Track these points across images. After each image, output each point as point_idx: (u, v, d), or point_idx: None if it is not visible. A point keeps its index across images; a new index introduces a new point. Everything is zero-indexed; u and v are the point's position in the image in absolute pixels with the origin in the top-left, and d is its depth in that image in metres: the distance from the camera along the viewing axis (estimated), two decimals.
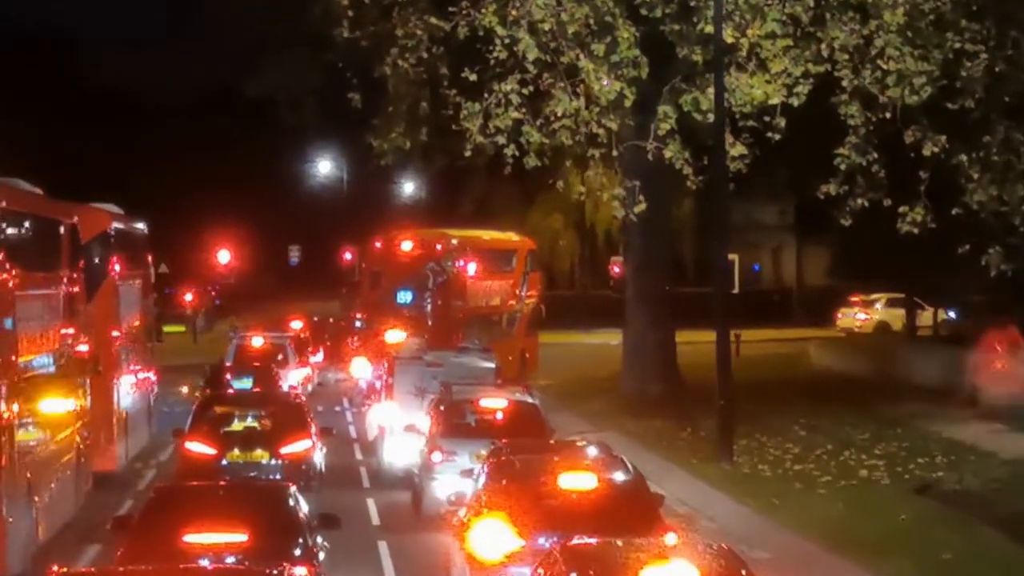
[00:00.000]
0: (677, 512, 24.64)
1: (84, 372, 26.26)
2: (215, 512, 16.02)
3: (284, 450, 25.55)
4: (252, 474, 24.32)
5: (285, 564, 13.12)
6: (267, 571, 12.20)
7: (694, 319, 46.85)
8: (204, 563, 14.57)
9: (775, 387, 43.37)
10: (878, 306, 74.28)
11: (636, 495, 16.72)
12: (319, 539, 16.70)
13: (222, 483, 20.12)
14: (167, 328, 72.81)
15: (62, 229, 25.36)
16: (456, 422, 25.63)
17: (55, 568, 12.04)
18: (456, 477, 24.17)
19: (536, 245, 59.35)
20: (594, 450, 20.72)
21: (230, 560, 14.90)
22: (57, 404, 23.47)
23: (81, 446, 25.74)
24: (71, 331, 25.30)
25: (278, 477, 24.10)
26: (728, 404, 30.58)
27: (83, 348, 26.42)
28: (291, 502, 16.62)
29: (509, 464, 17.59)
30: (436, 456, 25.02)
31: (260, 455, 25.44)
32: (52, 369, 23.44)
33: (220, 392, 31.13)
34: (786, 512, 25.61)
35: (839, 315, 75.32)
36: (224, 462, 25.15)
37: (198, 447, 25.78)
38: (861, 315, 73.95)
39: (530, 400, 26.05)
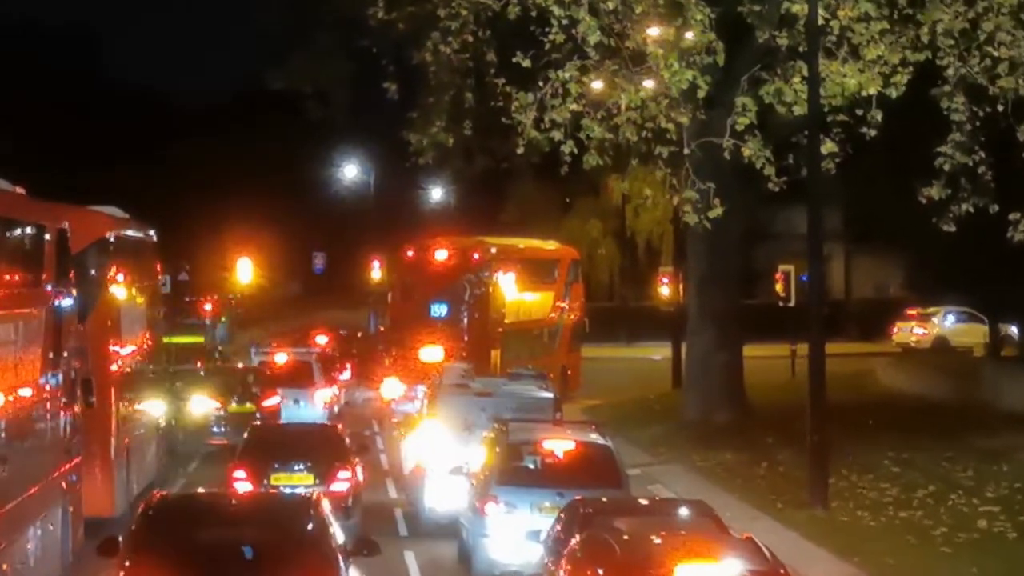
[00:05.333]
0: None
1: (73, 404, 22.22)
2: (295, 441, 26.24)
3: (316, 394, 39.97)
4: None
5: (317, 492, 18.63)
6: (302, 495, 17.74)
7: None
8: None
9: (849, 412, 39.00)
10: (935, 320, 69.79)
11: None
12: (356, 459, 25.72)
13: (298, 425, 32.18)
14: (185, 339, 69.51)
15: (48, 235, 21.29)
16: (514, 467, 21.51)
17: (156, 492, 16.16)
18: (517, 536, 20.35)
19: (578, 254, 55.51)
20: (687, 511, 16.70)
21: (299, 467, 24.72)
22: (34, 447, 19.43)
23: (69, 492, 21.69)
24: (57, 355, 21.23)
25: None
26: (822, 440, 26.38)
27: (73, 375, 22.39)
28: (340, 435, 26.65)
29: (604, 545, 13.43)
30: (490, 508, 20.93)
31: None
32: (28, 404, 19.35)
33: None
34: None
35: (895, 329, 70.95)
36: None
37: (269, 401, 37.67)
38: (918, 329, 69.50)
39: (602, 442, 21.89)
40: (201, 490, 18.29)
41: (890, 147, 35.25)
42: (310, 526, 15.22)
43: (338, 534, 15.77)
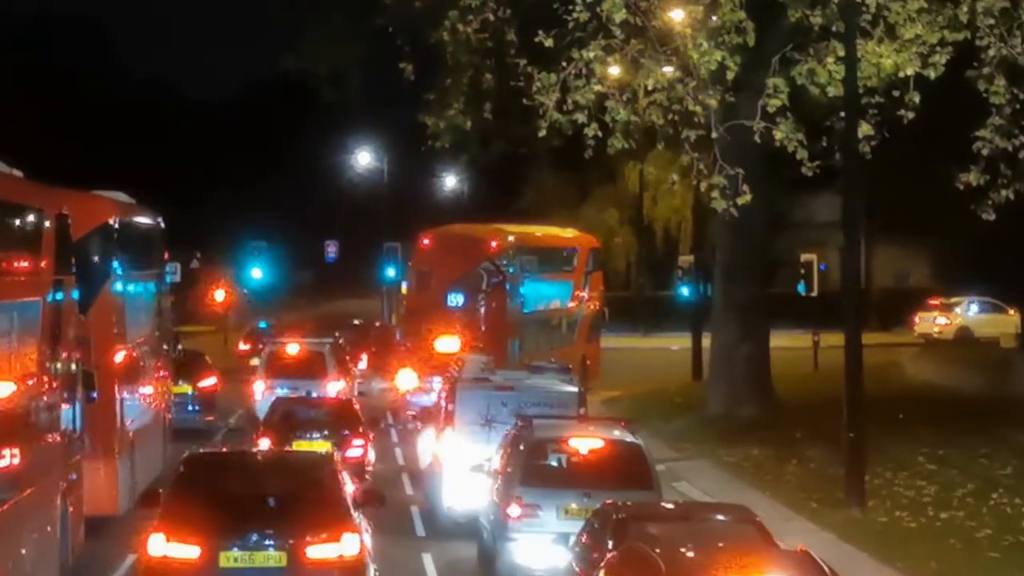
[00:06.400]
0: None
1: (73, 398, 21.09)
2: (314, 412, 29.08)
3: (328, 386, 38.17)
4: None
5: (336, 449, 21.66)
6: (318, 454, 19.98)
7: None
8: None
9: (879, 406, 37.55)
10: (959, 310, 68.35)
11: None
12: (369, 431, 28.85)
13: (317, 399, 33.08)
14: (196, 328, 68.56)
15: (47, 221, 20.17)
16: (538, 466, 20.34)
17: (191, 450, 18.67)
18: (542, 540, 19.24)
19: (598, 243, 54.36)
20: (729, 517, 15.54)
21: (317, 435, 27.17)
22: (30, 444, 18.29)
23: (69, 491, 20.55)
24: (57, 347, 20.12)
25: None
26: (859, 437, 25.18)
27: (74, 368, 21.28)
28: (355, 409, 29.67)
29: (646, 560, 12.23)
30: (514, 510, 19.78)
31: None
32: (24, 398, 18.21)
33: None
34: None
35: (917, 319, 69.53)
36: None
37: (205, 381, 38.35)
38: (941, 319, 68.07)
39: (631, 439, 20.70)
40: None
41: (916, 133, 34.05)
42: (325, 480, 17.47)
43: (349, 487, 17.95)
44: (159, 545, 16.66)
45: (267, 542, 16.57)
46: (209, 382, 38.49)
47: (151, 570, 16.78)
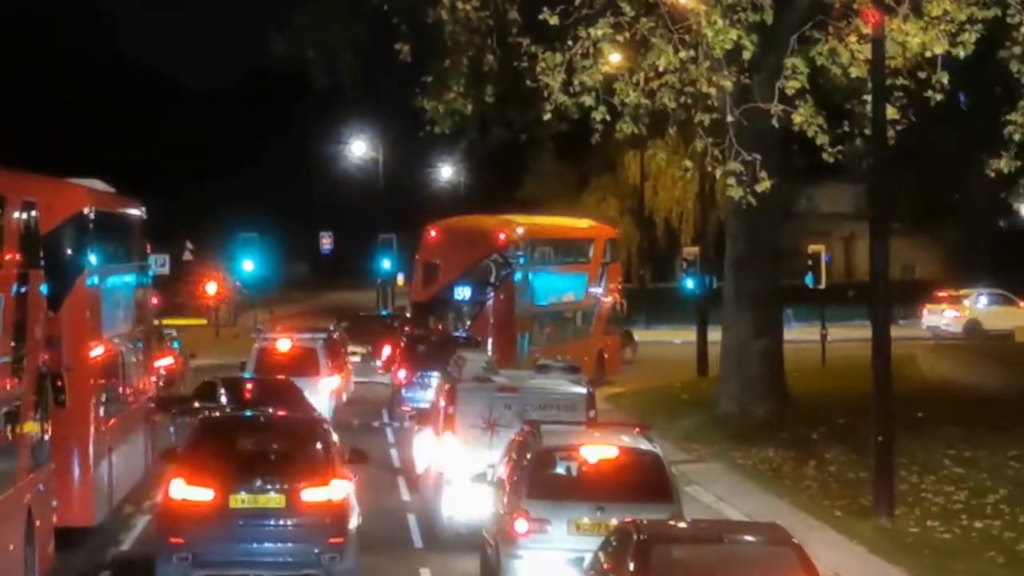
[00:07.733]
0: None
1: (42, 403, 19.44)
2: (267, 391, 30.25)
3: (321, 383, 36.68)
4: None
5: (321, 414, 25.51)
6: (312, 416, 24.01)
7: None
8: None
9: (898, 404, 35.76)
10: (967, 302, 66.67)
11: None
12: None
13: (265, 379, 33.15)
14: (187, 321, 66.94)
15: (12, 209, 18.53)
16: (547, 476, 18.68)
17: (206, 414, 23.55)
18: (551, 557, 17.76)
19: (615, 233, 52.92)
20: (762, 539, 13.99)
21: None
22: None
23: (35, 504, 18.88)
24: (21, 347, 18.48)
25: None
26: (888, 441, 23.54)
27: (43, 369, 19.66)
28: (298, 388, 31.42)
29: None
30: (520, 525, 18.13)
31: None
32: None
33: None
34: None
35: (924, 312, 67.89)
36: None
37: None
38: (950, 312, 66.36)
39: (648, 447, 19.05)
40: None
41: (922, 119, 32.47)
42: (317, 438, 20.43)
43: (337, 446, 20.80)
44: (179, 489, 19.37)
45: (269, 487, 19.46)
46: (165, 361, 40.31)
47: (172, 509, 19.46)
